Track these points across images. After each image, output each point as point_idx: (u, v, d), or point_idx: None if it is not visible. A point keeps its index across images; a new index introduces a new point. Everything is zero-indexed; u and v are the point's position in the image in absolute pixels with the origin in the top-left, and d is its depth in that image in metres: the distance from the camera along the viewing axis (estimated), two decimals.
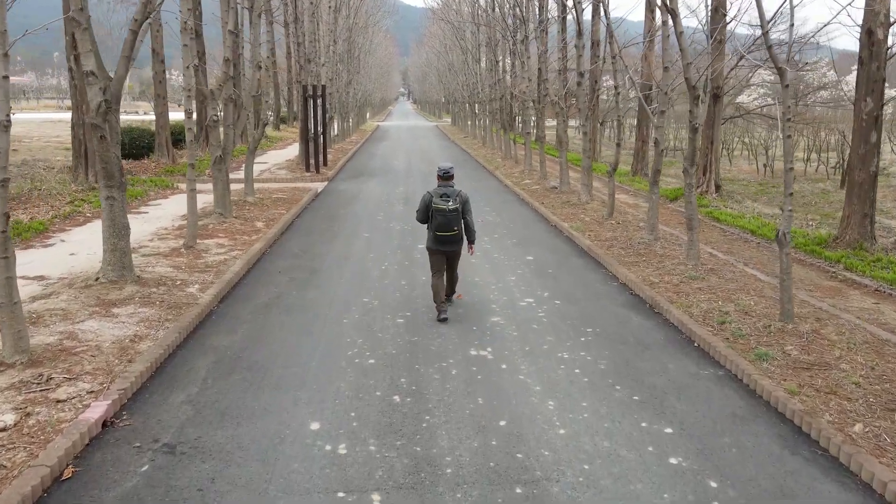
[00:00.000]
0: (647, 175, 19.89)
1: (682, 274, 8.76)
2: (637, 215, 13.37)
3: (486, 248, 10.85)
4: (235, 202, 14.05)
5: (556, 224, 12.81)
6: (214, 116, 11.72)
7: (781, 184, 20.88)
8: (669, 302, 7.65)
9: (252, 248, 10.19)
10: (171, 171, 18.92)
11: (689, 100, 8.45)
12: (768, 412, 5.21)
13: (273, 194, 15.79)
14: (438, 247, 7.21)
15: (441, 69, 55.28)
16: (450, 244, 7.20)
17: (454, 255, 7.37)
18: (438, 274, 7.31)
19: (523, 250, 10.69)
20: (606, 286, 8.73)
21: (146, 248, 10.03)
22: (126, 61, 7.26)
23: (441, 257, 7.28)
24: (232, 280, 8.53)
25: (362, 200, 15.76)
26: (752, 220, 12.49)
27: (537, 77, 19.83)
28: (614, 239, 11.05)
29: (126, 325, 6.64)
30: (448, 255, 7.31)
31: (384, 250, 10.61)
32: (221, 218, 12.08)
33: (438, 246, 7.21)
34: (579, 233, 11.61)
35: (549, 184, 17.37)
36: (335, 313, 7.50)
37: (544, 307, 7.78)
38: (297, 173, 20.17)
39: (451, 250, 7.26)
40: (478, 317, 7.42)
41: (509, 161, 24.54)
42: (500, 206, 15.28)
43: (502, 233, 12.12)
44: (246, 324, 7.10)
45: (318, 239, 11.41)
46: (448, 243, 7.19)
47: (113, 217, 7.59)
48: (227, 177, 12.16)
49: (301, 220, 13.13)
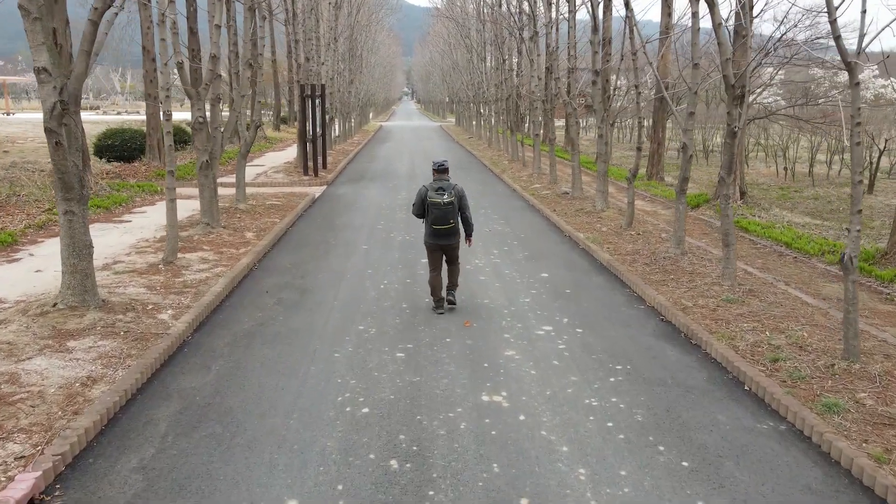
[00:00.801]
0: (662, 179, 18.90)
1: (717, 296, 7.78)
2: (658, 224, 12.38)
3: (496, 262, 9.88)
4: (226, 209, 13.12)
5: (571, 234, 11.84)
6: (200, 118, 10.78)
7: (804, 188, 19.89)
8: (708, 331, 6.68)
9: (238, 263, 9.25)
10: (162, 175, 17.97)
11: (727, 100, 7.46)
12: (852, 487, 4.23)
13: (267, 200, 14.85)
14: (435, 241, 7.32)
15: (445, 68, 54.32)
16: (446, 237, 7.30)
17: (451, 249, 7.43)
18: (436, 271, 7.45)
19: (536, 266, 9.72)
20: (632, 310, 7.76)
21: (121, 263, 9.10)
22: (85, 56, 6.32)
23: (438, 253, 7.42)
24: (212, 303, 7.58)
25: (362, 207, 14.80)
26: (784, 230, 11.49)
27: (546, 75, 18.88)
28: (636, 252, 10.07)
29: (80, 364, 5.69)
30: (445, 249, 7.40)
31: (384, 265, 9.65)
32: (208, 228, 11.13)
33: (435, 240, 7.31)
34: (597, 245, 10.63)
35: (561, 189, 16.39)
36: (326, 345, 6.54)
37: (564, 337, 6.81)
38: (295, 177, 19.24)
39: (447, 244, 7.35)
40: (489, 350, 6.45)
41: (516, 164, 23.57)
42: (508, 213, 14.31)
43: (512, 244, 11.15)
44: (221, 359, 6.15)
45: (311, 252, 10.46)
46: (444, 237, 7.28)
47: (72, 234, 6.64)
48: (214, 183, 11.22)
49: (295, 230, 12.17)
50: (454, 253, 7.48)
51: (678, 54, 19.52)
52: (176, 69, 10.27)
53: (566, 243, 11.40)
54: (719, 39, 7.31)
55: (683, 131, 9.34)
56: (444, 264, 7.58)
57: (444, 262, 7.56)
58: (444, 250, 7.40)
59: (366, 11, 37.20)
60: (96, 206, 12.99)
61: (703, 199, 14.16)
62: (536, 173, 19.84)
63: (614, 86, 12.99)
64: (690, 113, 9.16)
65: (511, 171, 21.74)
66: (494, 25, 24.46)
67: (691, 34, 8.95)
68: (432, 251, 7.41)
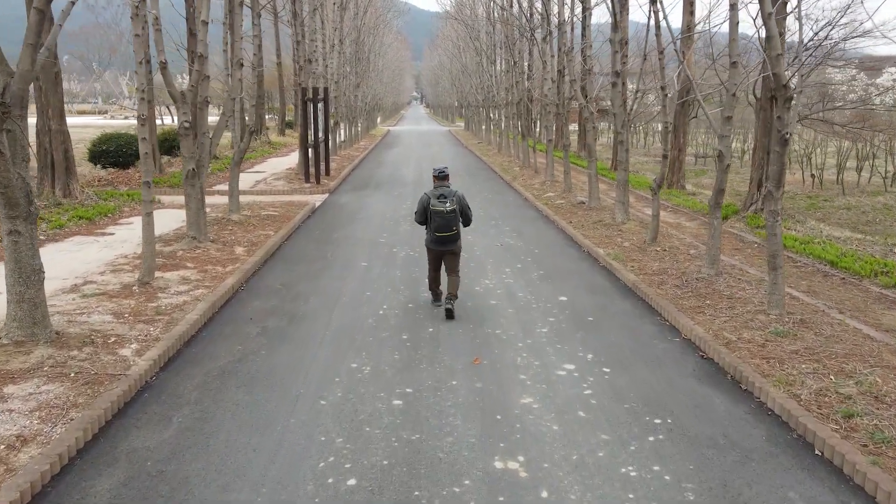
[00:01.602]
0: (683, 187, 17.87)
1: (764, 327, 6.77)
2: (684, 239, 11.37)
3: (508, 283, 8.91)
4: (217, 221, 12.23)
5: (590, 250, 10.84)
6: (186, 123, 9.89)
7: (833, 197, 18.78)
8: (760, 374, 5.68)
9: (222, 284, 8.32)
10: (156, 183, 17.13)
11: (778, 103, 6.47)
12: None
13: (264, 210, 13.94)
14: (437, 246, 7.42)
15: (454, 72, 53.45)
16: (448, 243, 7.40)
17: (452, 253, 7.47)
18: (436, 270, 7.67)
19: (554, 287, 8.73)
20: (666, 343, 6.76)
21: (92, 284, 8.19)
22: (30, 51, 5.41)
23: (439, 258, 7.55)
24: (185, 334, 6.65)
25: (364, 218, 13.86)
26: (825, 246, 10.45)
27: (558, 78, 17.92)
28: (664, 272, 9.07)
29: (12, 418, 4.76)
30: (446, 254, 7.47)
31: (384, 286, 8.70)
32: (195, 242, 10.22)
33: (437, 246, 7.42)
34: (620, 263, 9.64)
35: (576, 198, 15.39)
36: (311, 388, 5.59)
37: (590, 379, 5.83)
38: (296, 184, 18.34)
39: (449, 249, 7.43)
40: (502, 396, 5.48)
41: (528, 170, 22.59)
42: (521, 224, 13.32)
43: (526, 261, 10.17)
44: (186, 407, 5.20)
45: (306, 270, 9.52)
46: (446, 242, 7.38)
47: (18, 258, 5.73)
48: (201, 194, 10.32)
49: (290, 245, 11.24)
50: (455, 259, 7.51)
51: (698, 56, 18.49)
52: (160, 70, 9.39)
53: (585, 260, 10.40)
54: (769, 32, 6.32)
55: (719, 138, 8.34)
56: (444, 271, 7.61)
57: (443, 271, 7.63)
58: (446, 255, 7.48)
59: (373, 13, 36.36)
60: (78, 218, 12.12)
61: (731, 211, 13.13)
62: (549, 181, 18.85)
63: (637, 88, 12.01)
64: (728, 117, 8.17)
65: (522, 178, 20.76)
66: (505, 26, 23.52)
67: (729, 28, 7.96)
68: (434, 256, 7.55)
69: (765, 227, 12.14)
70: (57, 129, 13.37)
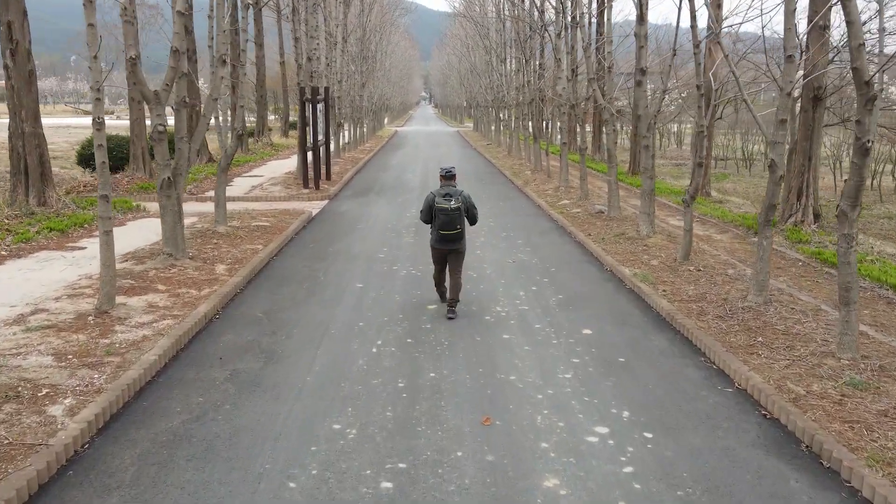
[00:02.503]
0: (708, 194, 16.63)
1: (836, 375, 5.58)
2: (717, 255, 10.16)
3: (523, 310, 7.75)
4: (201, 233, 11.13)
5: (613, 268, 9.66)
6: (160, 126, 8.79)
7: (870, 205, 17.47)
8: (846, 446, 4.50)
9: (194, 311, 7.21)
10: (144, 188, 16.10)
11: (857, 104, 5.29)
12: None
13: (255, 219, 12.84)
14: (441, 245, 7.39)
15: (463, 71, 52.30)
16: (452, 242, 7.35)
17: (456, 252, 7.42)
18: (441, 269, 7.66)
19: (576, 317, 7.56)
20: (717, 395, 5.58)
21: (42, 313, 7.08)
22: None
23: (443, 258, 7.51)
24: (137, 381, 5.53)
25: (364, 229, 12.73)
26: (885, 266, 9.22)
27: (572, 77, 16.74)
28: (702, 298, 7.88)
29: None
30: (450, 254, 7.42)
31: (380, 315, 7.56)
32: (170, 260, 9.13)
33: (441, 244, 7.38)
34: (649, 286, 8.46)
35: (594, 207, 14.19)
36: (279, 462, 4.45)
37: (629, 449, 4.66)
38: (294, 190, 17.24)
39: (453, 248, 7.38)
40: (520, 475, 4.32)
41: (540, 174, 21.39)
42: (534, 237, 12.15)
43: (542, 282, 9.00)
44: (116, 493, 4.07)
45: (292, 293, 8.39)
46: (450, 241, 7.34)
47: None
48: (178, 205, 9.22)
49: (279, 261, 10.11)
50: (459, 258, 7.45)
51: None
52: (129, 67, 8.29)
53: (609, 281, 9.22)
54: (849, 17, 5.12)
55: (771, 145, 7.15)
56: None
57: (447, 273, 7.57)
58: (450, 254, 7.42)
59: (379, 10, 35.23)
60: (49, 230, 11.04)
61: None
62: (564, 186, 17.64)
63: (664, 88, 10.81)
64: (781, 120, 6.97)
65: (535, 182, 19.57)
66: (516, 22, 22.35)
67: (784, 15, 6.76)
68: (438, 255, 7.53)
69: (804, 242, 10.95)
70: (31, 131, 12.29)
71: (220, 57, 9.46)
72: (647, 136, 10.94)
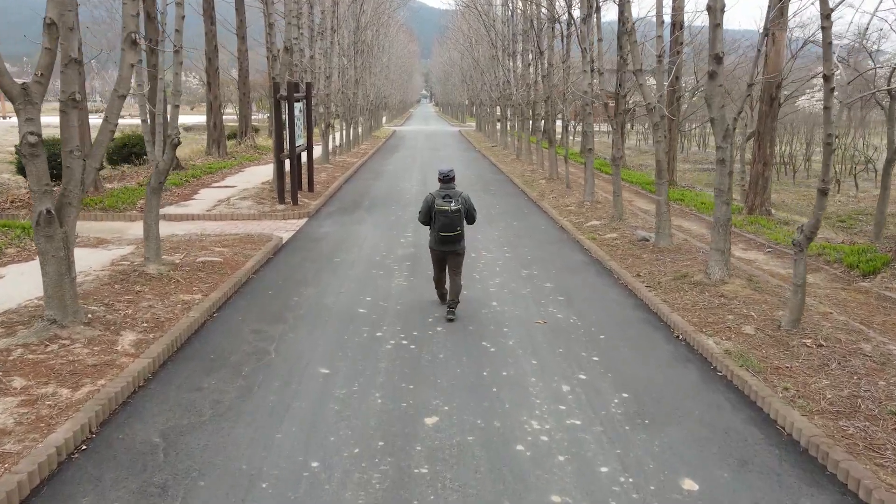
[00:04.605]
0: (769, 213, 13.75)
1: None
2: (830, 314, 7.29)
3: (573, 427, 4.89)
4: (123, 276, 8.30)
5: (688, 337, 6.80)
6: (31, 137, 5.97)
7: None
8: None
9: (44, 442, 4.38)
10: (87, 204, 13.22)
11: None
12: None
13: (206, 249, 10.01)
14: (441, 247, 7.22)
15: (465, 68, 49.40)
16: (451, 244, 7.19)
17: (456, 254, 7.23)
18: (440, 270, 7.46)
19: (660, 446, 4.70)
20: None
21: None
22: None
23: (443, 260, 7.34)
24: None
25: (343, 264, 9.87)
26: None
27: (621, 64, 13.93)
28: (854, 408, 5.04)
29: None
30: (450, 256, 7.24)
31: (347, 442, 4.70)
32: (53, 329, 6.30)
33: (441, 246, 7.22)
34: (756, 377, 5.61)
35: (636, 233, 11.31)
36: None
37: None
38: (267, 205, 14.40)
39: (452, 250, 7.22)
40: None
41: (555, 183, 18.54)
42: (566, 275, 9.29)
43: (590, 366, 6.14)
44: None
45: (220, 391, 5.54)
46: (450, 243, 7.19)
47: None
48: (66, 250, 6.40)
49: (217, 325, 7.24)
50: (458, 259, 7.27)
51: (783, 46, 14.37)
52: None
53: (689, 361, 6.35)
54: None
55: None
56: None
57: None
58: (449, 256, 7.24)
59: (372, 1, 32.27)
60: None
61: (880, 262, 8.94)
62: (589, 202, 14.76)
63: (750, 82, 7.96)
64: None
65: (552, 195, 16.70)
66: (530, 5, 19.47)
67: None
68: (437, 257, 7.36)
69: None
70: None
71: (128, 36, 6.62)
72: (722, 146, 8.08)
